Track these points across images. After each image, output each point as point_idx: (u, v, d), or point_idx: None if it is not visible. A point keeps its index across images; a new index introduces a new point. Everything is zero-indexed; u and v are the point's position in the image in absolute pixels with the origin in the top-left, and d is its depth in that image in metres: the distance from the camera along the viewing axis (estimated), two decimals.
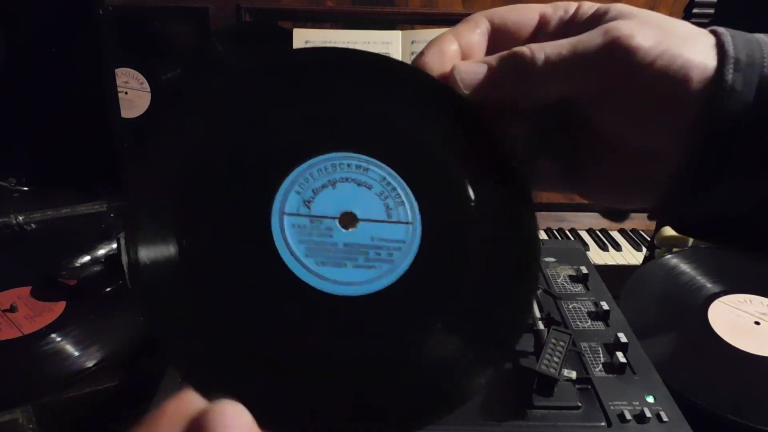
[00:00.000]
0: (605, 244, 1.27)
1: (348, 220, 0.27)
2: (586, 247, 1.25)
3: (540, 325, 0.61)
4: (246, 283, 0.26)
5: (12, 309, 0.70)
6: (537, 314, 0.62)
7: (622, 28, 0.28)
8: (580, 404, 0.54)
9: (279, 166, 0.28)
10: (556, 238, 1.28)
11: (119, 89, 1.10)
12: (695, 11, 1.28)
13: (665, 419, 0.52)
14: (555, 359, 0.54)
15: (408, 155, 0.29)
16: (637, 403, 0.54)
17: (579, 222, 1.35)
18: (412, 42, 1.25)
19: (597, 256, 1.23)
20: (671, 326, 0.74)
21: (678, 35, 0.28)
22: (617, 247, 1.26)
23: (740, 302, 0.76)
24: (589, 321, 0.67)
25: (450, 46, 0.32)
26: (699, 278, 0.81)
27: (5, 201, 0.87)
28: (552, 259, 0.80)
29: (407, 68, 0.32)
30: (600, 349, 0.62)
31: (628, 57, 0.27)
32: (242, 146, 0.28)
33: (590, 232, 1.32)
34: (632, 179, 0.31)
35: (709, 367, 0.68)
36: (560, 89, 0.29)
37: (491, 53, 0.32)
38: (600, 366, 0.59)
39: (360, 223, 0.27)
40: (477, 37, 0.32)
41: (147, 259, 0.26)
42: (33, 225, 0.85)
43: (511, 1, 1.27)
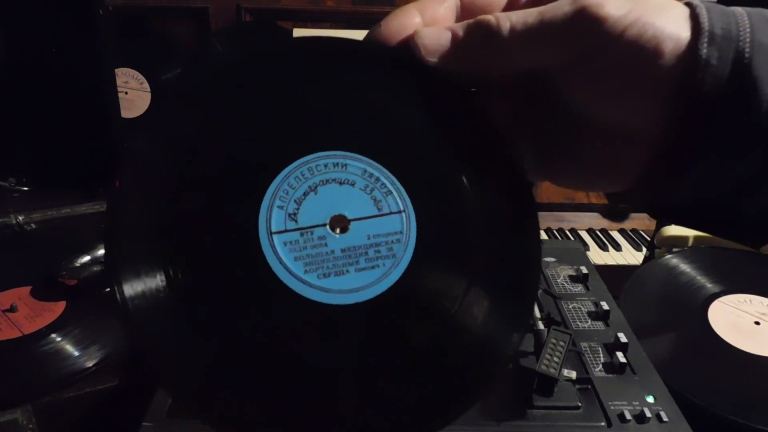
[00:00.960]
0: (605, 244, 1.27)
1: (339, 224, 0.26)
2: (586, 247, 1.25)
3: (540, 325, 0.61)
4: (250, 315, 0.25)
5: (12, 309, 0.70)
6: (537, 314, 0.62)
7: None
8: (580, 404, 0.54)
9: (254, 184, 0.26)
10: (556, 238, 1.28)
11: (119, 89, 1.10)
12: None
13: (665, 419, 0.52)
14: (555, 359, 0.54)
15: (384, 140, 0.27)
16: (637, 403, 0.54)
17: (579, 222, 1.35)
18: None
19: (597, 256, 1.23)
20: (671, 326, 0.74)
21: (650, 5, 0.26)
22: (617, 247, 1.26)
23: (740, 302, 0.77)
24: (589, 321, 0.67)
25: (412, 19, 0.30)
26: (699, 278, 0.81)
27: (5, 201, 0.87)
28: (552, 259, 0.80)
29: (364, 45, 0.29)
30: (600, 349, 0.62)
31: (597, 26, 0.25)
32: (214, 169, 0.26)
33: (590, 232, 1.32)
34: (607, 161, 0.29)
35: (709, 367, 0.68)
36: (528, 60, 0.28)
37: None
38: (600, 366, 0.59)
39: (352, 224, 0.26)
40: (443, 11, 0.30)
41: (134, 293, 0.25)
42: (33, 225, 0.85)
43: None
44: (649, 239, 1.16)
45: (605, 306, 0.67)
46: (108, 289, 0.73)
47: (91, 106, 0.85)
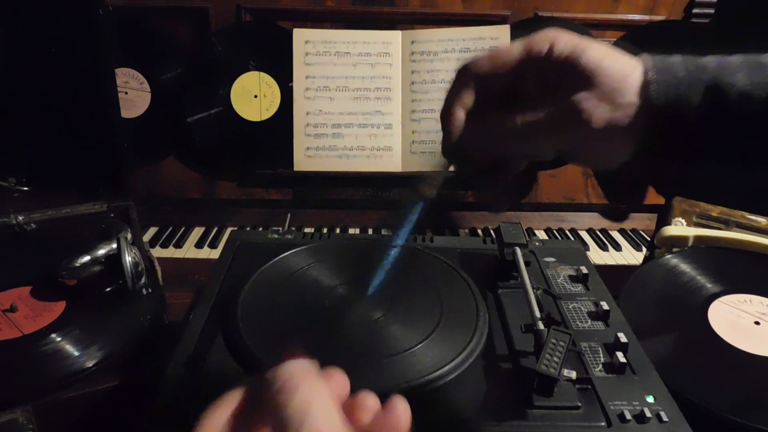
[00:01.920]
0: (605, 244, 1.27)
1: None
2: (586, 247, 1.25)
3: (540, 325, 0.61)
4: None
5: (12, 309, 0.70)
6: (537, 314, 0.62)
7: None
8: (580, 404, 0.54)
9: None
10: (556, 238, 1.28)
11: (119, 89, 1.10)
12: (695, 11, 1.28)
13: (665, 419, 0.52)
14: (555, 359, 0.54)
15: None
16: (637, 403, 0.54)
17: (579, 222, 1.35)
18: (412, 42, 1.25)
19: (597, 256, 1.23)
20: (671, 326, 0.74)
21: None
22: (617, 247, 1.26)
23: (740, 302, 0.77)
24: (589, 321, 0.66)
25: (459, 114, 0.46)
26: (699, 278, 0.81)
27: (5, 201, 0.87)
28: (552, 259, 0.80)
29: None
30: (600, 349, 0.62)
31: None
32: None
33: (590, 232, 1.32)
34: (603, 155, 0.46)
35: (709, 367, 0.68)
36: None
37: (484, 93, 0.45)
38: (600, 366, 0.59)
39: None
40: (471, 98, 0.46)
41: None
42: (33, 225, 0.85)
43: (511, 3, 1.27)
44: (649, 239, 1.16)
45: (605, 306, 0.67)
46: (108, 289, 0.73)
47: (92, 106, 0.85)
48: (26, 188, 0.90)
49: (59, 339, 0.66)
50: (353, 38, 1.25)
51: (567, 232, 1.32)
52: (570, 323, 0.66)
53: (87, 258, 0.73)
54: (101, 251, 0.74)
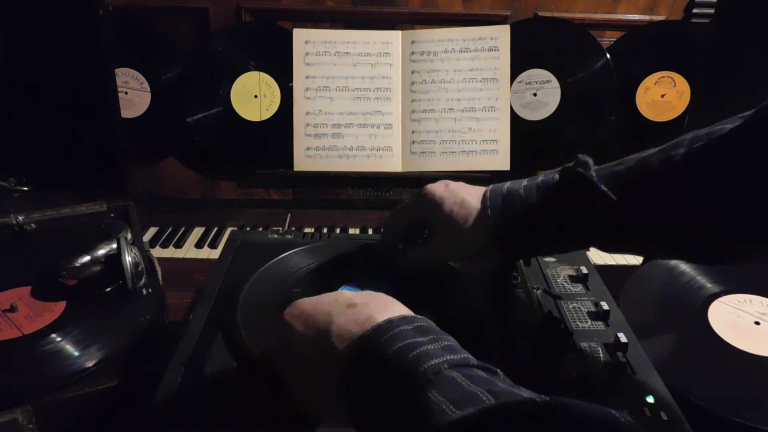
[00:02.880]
0: None
1: None
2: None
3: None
4: None
5: (12, 309, 0.70)
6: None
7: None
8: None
9: None
10: None
11: (119, 89, 1.10)
12: (695, 11, 1.28)
13: (665, 419, 0.52)
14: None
15: None
16: (637, 403, 0.54)
17: None
18: (412, 42, 1.25)
19: (597, 256, 1.22)
20: (671, 326, 0.74)
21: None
22: None
23: (740, 302, 0.77)
24: (589, 321, 0.66)
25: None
26: (699, 278, 0.81)
27: (5, 201, 0.87)
28: (552, 259, 0.80)
29: None
30: (600, 349, 0.61)
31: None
32: None
33: None
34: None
35: (709, 367, 0.68)
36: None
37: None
38: (600, 366, 0.59)
39: None
40: None
41: None
42: (33, 225, 0.85)
43: (511, 3, 1.27)
44: None
45: (605, 306, 0.67)
46: (108, 289, 0.73)
47: (91, 106, 0.85)
48: (26, 188, 0.90)
49: (59, 339, 0.66)
50: (353, 38, 1.25)
51: None
52: (570, 323, 0.66)
53: (87, 258, 0.73)
54: (101, 251, 0.74)
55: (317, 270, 0.75)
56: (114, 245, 0.74)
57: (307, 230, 1.23)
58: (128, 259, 0.73)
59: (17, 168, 0.89)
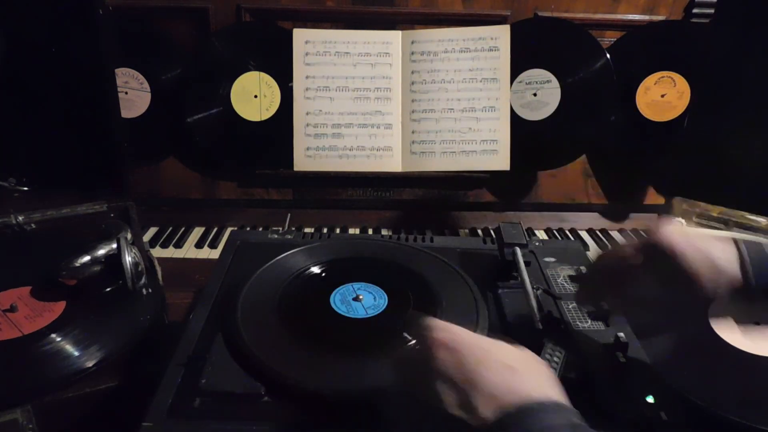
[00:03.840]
0: (605, 244, 1.27)
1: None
2: (586, 247, 1.25)
3: (540, 326, 0.61)
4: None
5: (12, 309, 0.70)
6: (537, 314, 0.62)
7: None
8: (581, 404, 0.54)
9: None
10: (556, 238, 1.28)
11: (119, 89, 1.10)
12: (695, 11, 1.28)
13: (665, 419, 0.52)
14: (555, 359, 0.54)
15: None
16: (637, 404, 0.54)
17: (579, 222, 1.35)
18: (412, 42, 1.25)
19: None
20: (671, 326, 0.74)
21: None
22: None
23: None
24: (589, 321, 0.66)
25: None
26: None
27: (5, 201, 0.87)
28: (552, 259, 0.80)
29: None
30: (600, 349, 0.61)
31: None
32: None
33: (590, 232, 1.32)
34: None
35: (709, 367, 0.68)
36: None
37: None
38: (600, 366, 0.59)
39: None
40: None
41: None
42: (33, 225, 0.85)
43: (511, 3, 1.26)
44: None
45: (605, 306, 0.67)
46: (108, 289, 0.73)
47: (91, 106, 0.85)
48: (26, 188, 0.90)
49: (59, 339, 0.66)
50: (353, 38, 1.25)
51: (567, 232, 1.32)
52: (570, 323, 0.66)
53: (87, 258, 0.73)
54: (101, 251, 0.74)
55: (317, 270, 0.75)
56: (114, 245, 0.74)
57: (307, 230, 1.23)
58: (128, 259, 0.73)
59: (17, 168, 0.89)
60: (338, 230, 1.29)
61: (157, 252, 1.18)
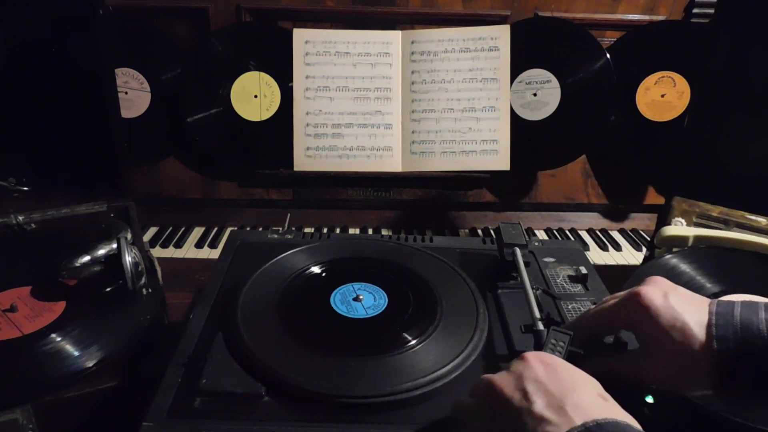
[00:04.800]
0: (605, 244, 1.27)
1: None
2: (586, 247, 1.25)
3: (540, 325, 0.61)
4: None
5: (12, 309, 0.70)
6: (537, 314, 0.62)
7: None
8: None
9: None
10: (556, 238, 1.28)
11: (119, 89, 1.10)
12: (695, 11, 1.28)
13: (665, 419, 0.52)
14: (561, 344, 0.54)
15: None
16: (638, 403, 0.54)
17: (579, 222, 1.35)
18: (412, 42, 1.25)
19: (597, 256, 1.23)
20: None
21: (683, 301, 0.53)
22: (617, 247, 1.26)
23: None
24: None
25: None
26: (699, 278, 0.81)
27: (5, 201, 0.87)
28: (552, 259, 0.80)
29: None
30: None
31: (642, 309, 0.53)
32: None
33: (590, 232, 1.32)
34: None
35: None
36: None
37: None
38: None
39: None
40: None
41: None
42: (33, 225, 0.85)
43: (511, 3, 1.26)
44: (649, 239, 1.16)
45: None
46: (108, 289, 0.73)
47: (91, 106, 0.85)
48: (26, 188, 0.90)
49: (59, 339, 0.66)
50: (353, 38, 1.25)
51: (567, 232, 1.32)
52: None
53: (87, 258, 0.73)
54: (101, 251, 0.74)
55: (317, 270, 0.75)
56: (114, 245, 0.74)
57: (307, 230, 1.23)
58: (128, 259, 0.73)
59: (17, 168, 0.89)
60: (338, 230, 1.29)
61: (157, 252, 1.18)
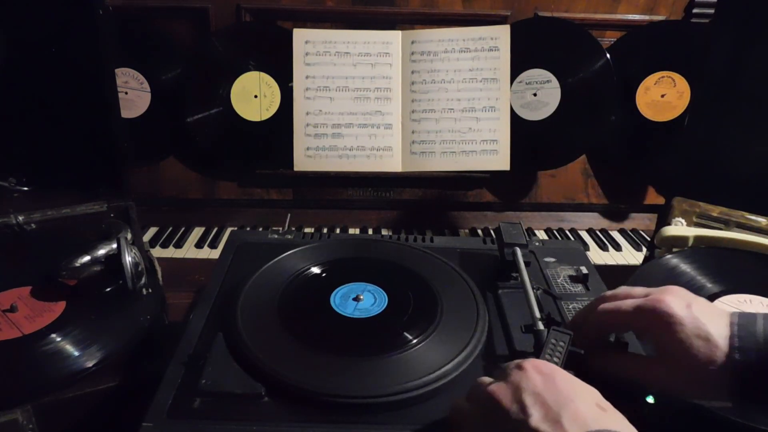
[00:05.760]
0: (605, 244, 1.27)
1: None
2: (586, 247, 1.25)
3: (540, 325, 0.61)
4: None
5: (12, 309, 0.70)
6: (537, 314, 0.62)
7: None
8: None
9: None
10: (556, 238, 1.28)
11: (119, 89, 1.10)
12: (695, 11, 1.28)
13: (665, 419, 0.52)
14: (555, 359, 0.54)
15: None
16: (637, 404, 0.54)
17: (579, 222, 1.35)
18: (412, 42, 1.25)
19: (597, 256, 1.23)
20: None
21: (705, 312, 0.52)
22: (617, 247, 1.26)
23: (740, 302, 0.76)
24: None
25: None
26: (699, 278, 0.81)
27: (5, 201, 0.87)
28: (552, 259, 0.80)
29: None
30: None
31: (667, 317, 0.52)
32: None
33: (590, 232, 1.32)
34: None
35: None
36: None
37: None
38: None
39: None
40: None
41: None
42: (33, 225, 0.85)
43: (511, 3, 1.26)
44: (649, 239, 1.16)
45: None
46: (108, 289, 0.73)
47: (91, 106, 0.85)
48: (26, 188, 0.90)
49: (59, 339, 0.66)
50: (353, 38, 1.25)
51: (567, 232, 1.32)
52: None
53: (87, 258, 0.73)
54: (101, 251, 0.74)
55: (317, 270, 0.75)
56: (114, 245, 0.74)
57: (307, 230, 1.23)
58: (128, 259, 0.73)
59: (17, 168, 0.89)
60: (338, 230, 1.29)
61: (157, 252, 1.18)
